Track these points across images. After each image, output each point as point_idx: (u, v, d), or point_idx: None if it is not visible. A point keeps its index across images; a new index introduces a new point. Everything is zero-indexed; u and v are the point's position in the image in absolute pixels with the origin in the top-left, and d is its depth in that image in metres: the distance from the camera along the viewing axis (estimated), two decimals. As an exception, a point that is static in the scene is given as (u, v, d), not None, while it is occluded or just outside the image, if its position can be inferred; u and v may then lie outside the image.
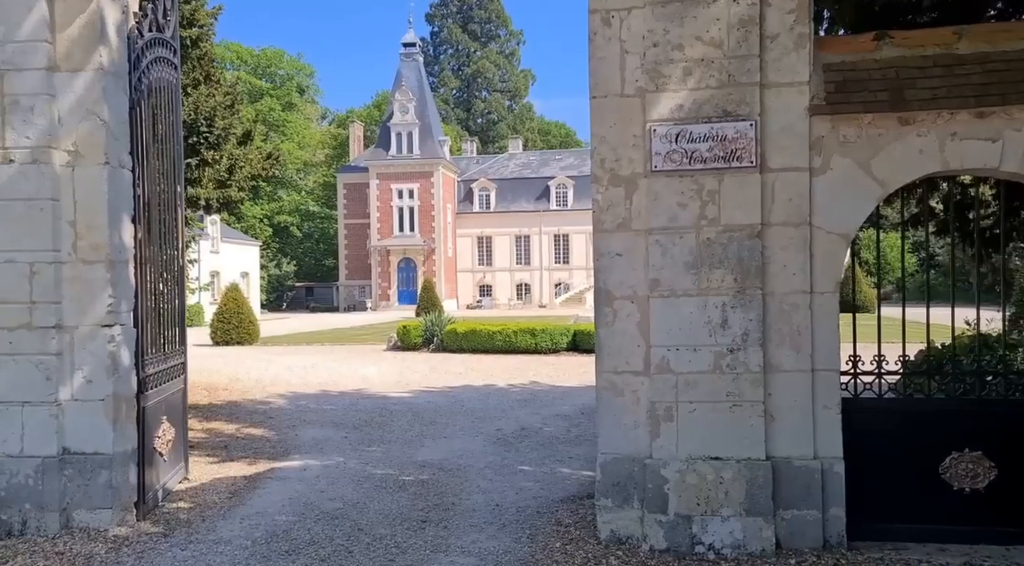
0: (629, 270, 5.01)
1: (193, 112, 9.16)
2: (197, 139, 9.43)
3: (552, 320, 28.31)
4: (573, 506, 6.07)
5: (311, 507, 6.17)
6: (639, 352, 5.01)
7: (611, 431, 5.07)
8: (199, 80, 9.66)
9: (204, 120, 9.43)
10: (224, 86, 10.47)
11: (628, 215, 5.01)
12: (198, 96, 9.45)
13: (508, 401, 11.79)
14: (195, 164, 9.51)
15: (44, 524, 5.40)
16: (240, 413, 10.88)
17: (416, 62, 59.97)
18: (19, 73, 5.40)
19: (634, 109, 4.97)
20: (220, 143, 9.78)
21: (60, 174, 5.48)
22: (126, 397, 5.70)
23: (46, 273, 5.43)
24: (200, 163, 9.68)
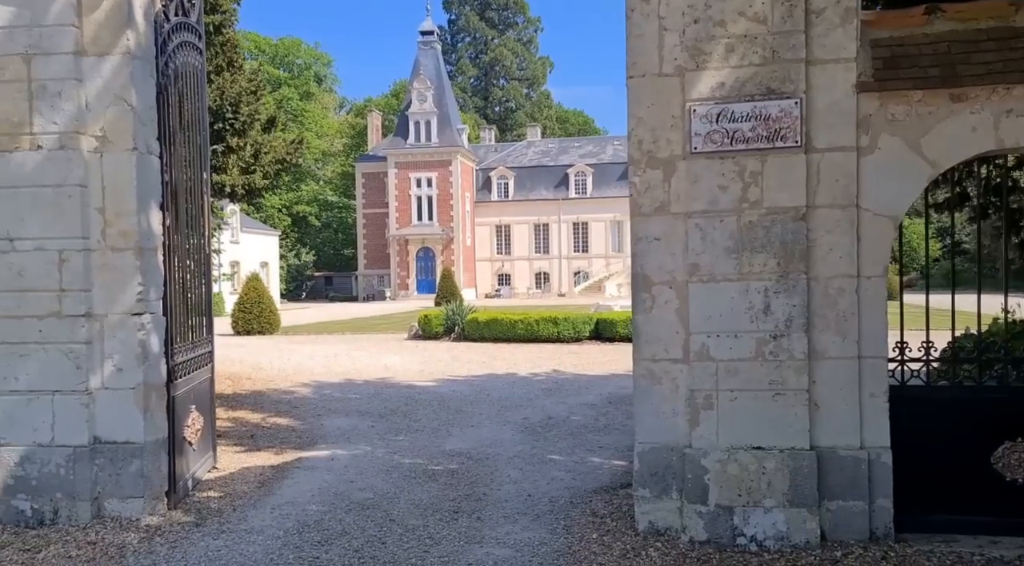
0: (667, 255, 4.87)
1: (218, 98, 9.11)
2: (222, 125, 9.36)
3: (572, 309, 28.19)
4: (607, 496, 5.96)
5: (341, 497, 6.11)
6: (678, 339, 4.87)
7: (649, 420, 4.94)
8: (222, 66, 9.58)
9: (229, 106, 9.36)
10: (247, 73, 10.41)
11: (666, 198, 4.86)
12: (222, 82, 9.38)
13: (533, 390, 11.69)
14: (220, 151, 9.45)
15: (76, 513, 5.38)
16: (265, 402, 10.87)
17: (434, 50, 59.76)
18: (46, 58, 5.33)
19: (673, 89, 4.81)
20: (245, 129, 9.72)
21: (88, 160, 5.42)
22: (156, 386, 5.65)
23: (75, 261, 5.38)
24: (225, 149, 9.63)
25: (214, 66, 9.26)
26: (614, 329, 19.39)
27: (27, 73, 5.35)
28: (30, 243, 5.38)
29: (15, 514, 5.39)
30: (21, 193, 5.38)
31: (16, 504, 5.40)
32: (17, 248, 5.38)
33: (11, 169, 5.38)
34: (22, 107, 5.37)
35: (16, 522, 5.39)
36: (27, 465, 5.40)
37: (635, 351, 5.00)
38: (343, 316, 34.70)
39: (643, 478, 4.94)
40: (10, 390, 5.42)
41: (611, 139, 64.85)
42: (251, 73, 10.63)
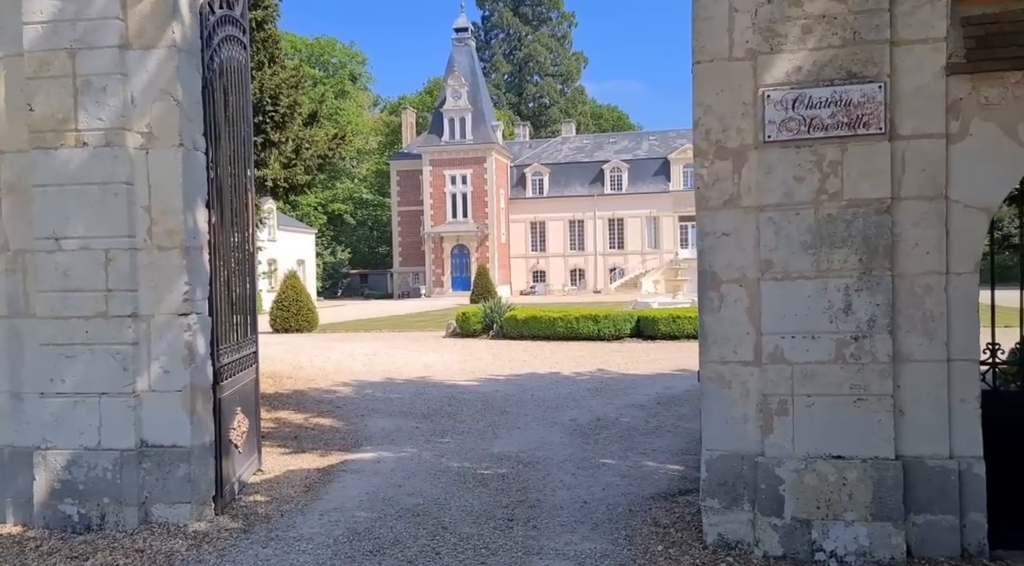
0: (737, 251, 4.57)
1: (258, 91, 8.97)
2: (262, 118, 9.23)
3: (608, 306, 27.80)
4: (667, 504, 5.68)
5: (390, 503, 5.92)
6: (748, 340, 4.57)
7: (717, 426, 4.65)
8: (263, 62, 9.47)
9: (269, 98, 9.23)
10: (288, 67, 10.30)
11: (736, 191, 4.56)
12: (263, 76, 9.25)
13: (578, 390, 11.43)
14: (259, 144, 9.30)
15: (123, 519, 5.26)
16: (307, 402, 10.78)
17: (468, 47, 59.65)
18: (91, 52, 5.21)
19: (744, 74, 4.51)
20: (286, 122, 9.58)
21: (134, 157, 5.30)
22: (203, 388, 5.52)
23: (121, 260, 5.26)
24: (265, 143, 9.50)
25: (255, 62, 9.13)
26: (656, 327, 19.02)
27: (72, 68, 5.24)
28: (76, 242, 5.28)
29: (62, 519, 5.30)
30: (67, 191, 5.27)
31: (63, 509, 5.30)
32: (63, 247, 5.28)
33: (56, 167, 5.28)
34: (67, 103, 5.26)
35: (63, 527, 5.29)
36: (74, 469, 5.30)
37: (701, 352, 4.72)
38: (380, 314, 34.75)
39: (711, 488, 4.65)
40: (56, 392, 5.32)
41: (646, 134, 64.16)
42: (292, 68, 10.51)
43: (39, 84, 5.27)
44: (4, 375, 5.49)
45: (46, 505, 5.31)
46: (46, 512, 5.31)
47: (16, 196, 5.43)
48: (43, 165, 5.28)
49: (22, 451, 5.45)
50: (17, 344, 5.46)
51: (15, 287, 5.47)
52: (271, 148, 9.60)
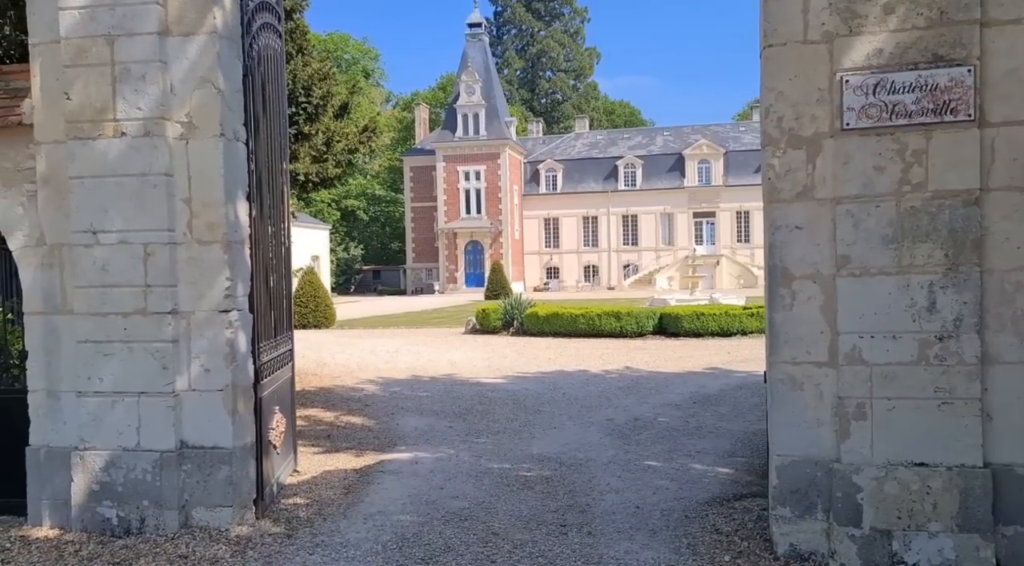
0: (811, 245, 4.33)
1: (291, 81, 8.76)
2: (295, 109, 9.03)
3: (624, 302, 27.56)
4: (724, 510, 5.45)
5: (434, 506, 5.72)
6: (822, 340, 4.33)
7: (788, 430, 4.42)
8: (292, 53, 9.25)
9: (302, 89, 9.03)
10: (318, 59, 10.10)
11: (810, 182, 4.32)
12: (295, 65, 9.05)
13: (609, 388, 11.19)
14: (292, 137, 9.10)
15: (163, 522, 5.08)
16: (335, 400, 10.60)
17: (482, 42, 59.35)
18: (129, 38, 5.03)
19: (819, 57, 4.26)
20: (318, 114, 9.38)
21: (173, 147, 5.11)
22: (244, 387, 5.33)
23: (161, 255, 5.08)
24: (297, 136, 9.30)
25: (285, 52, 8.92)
26: (679, 324, 18.75)
27: (110, 55, 5.06)
28: (114, 236, 5.09)
29: (100, 522, 5.13)
30: (105, 183, 5.09)
31: (101, 511, 5.13)
32: (101, 241, 5.10)
33: (94, 157, 5.10)
34: (105, 92, 5.07)
35: (101, 530, 5.12)
36: (112, 470, 5.13)
37: (771, 353, 4.48)
38: (395, 310, 34.59)
39: (783, 495, 4.42)
40: (94, 391, 5.15)
41: (660, 130, 63.71)
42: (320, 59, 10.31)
43: (76, 72, 5.09)
44: (40, 373, 5.32)
45: (84, 507, 5.15)
46: (84, 515, 5.15)
47: (52, 188, 5.25)
48: (80, 156, 5.10)
49: (59, 451, 5.28)
50: (54, 341, 5.29)
51: (52, 282, 5.30)
52: (303, 141, 9.40)
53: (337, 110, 10.22)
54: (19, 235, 5.35)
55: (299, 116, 9.19)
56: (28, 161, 5.32)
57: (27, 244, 5.34)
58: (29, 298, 5.34)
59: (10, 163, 5.35)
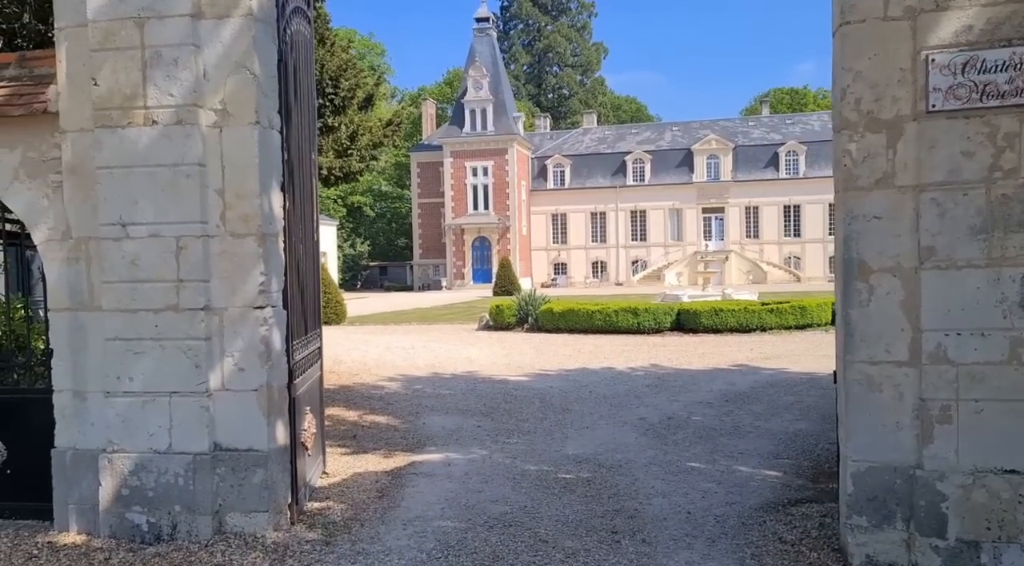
0: (890, 236, 4.06)
1: (318, 71, 8.51)
2: (322, 101, 8.77)
3: (635, 298, 27.30)
4: (782, 516, 5.19)
5: (475, 511, 5.47)
6: (903, 338, 4.06)
7: (865, 433, 4.15)
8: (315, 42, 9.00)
9: (329, 80, 8.76)
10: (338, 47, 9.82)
11: (890, 168, 4.05)
12: (322, 55, 8.78)
13: (637, 386, 10.93)
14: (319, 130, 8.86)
15: (196, 528, 4.84)
16: (356, 398, 10.36)
17: (489, 37, 59.03)
18: (161, 21, 4.77)
19: (901, 35, 3.99)
20: (345, 107, 9.12)
21: (207, 136, 4.85)
22: (279, 387, 5.08)
23: (194, 248, 4.83)
24: (322, 129, 9.04)
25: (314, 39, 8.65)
26: (698, 320, 18.48)
27: (140, 39, 4.80)
28: (144, 229, 4.85)
29: (130, 528, 4.89)
30: (134, 173, 4.84)
31: (131, 517, 4.90)
32: (131, 235, 4.85)
33: (124, 147, 4.84)
34: (135, 78, 4.82)
35: (131, 537, 4.88)
36: (143, 474, 4.89)
37: (846, 351, 4.21)
38: (404, 306, 34.36)
39: (859, 503, 4.15)
40: (124, 391, 4.91)
41: (669, 125, 63.31)
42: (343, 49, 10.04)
43: (104, 57, 4.84)
44: (66, 372, 5.08)
45: (112, 513, 4.91)
46: (112, 520, 4.91)
47: (78, 179, 5.00)
48: (109, 145, 4.85)
49: (86, 454, 5.04)
50: (80, 339, 5.05)
51: (78, 277, 5.05)
52: (327, 134, 9.13)
53: (362, 102, 9.95)
54: (43, 228, 5.11)
55: (326, 108, 8.93)
56: (53, 151, 5.08)
57: (52, 238, 5.10)
58: (54, 294, 5.10)
59: (34, 153, 5.10)
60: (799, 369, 12.22)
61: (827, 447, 7.19)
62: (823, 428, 8.00)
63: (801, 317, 18.55)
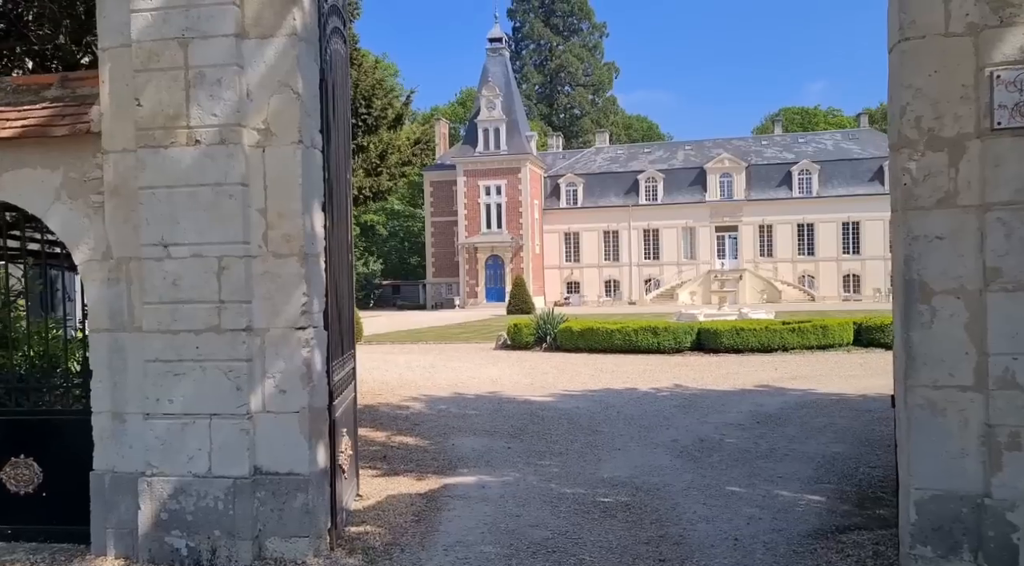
0: (953, 257, 3.96)
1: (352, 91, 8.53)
2: (355, 121, 8.80)
3: (649, 317, 27.13)
4: (833, 544, 5.03)
5: (515, 536, 5.35)
6: (967, 361, 3.95)
7: (929, 461, 4.02)
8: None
9: (362, 99, 8.78)
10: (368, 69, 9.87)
11: (953, 187, 3.96)
12: (356, 75, 8.82)
13: (664, 407, 10.79)
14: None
15: (236, 554, 4.75)
16: (382, 419, 10.27)
17: (502, 57, 59.45)
18: (205, 41, 4.76)
19: (963, 51, 3.91)
20: (378, 126, 9.14)
21: (249, 155, 4.82)
22: (319, 409, 5.01)
23: (236, 268, 4.78)
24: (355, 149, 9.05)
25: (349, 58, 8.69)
26: (718, 340, 18.30)
27: (184, 59, 4.79)
28: (186, 249, 4.80)
29: (169, 552, 4.80)
30: (177, 193, 4.81)
31: (170, 542, 4.81)
32: (172, 255, 4.81)
33: (166, 167, 4.82)
34: (178, 98, 4.80)
35: (170, 561, 4.79)
36: (182, 498, 4.80)
37: (907, 376, 4.10)
38: (418, 325, 34.30)
39: (923, 533, 4.02)
40: (164, 413, 4.84)
41: (682, 144, 63.40)
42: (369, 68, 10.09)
43: (148, 77, 4.82)
44: (105, 394, 5.02)
45: (151, 537, 4.82)
46: (151, 545, 4.82)
47: (120, 199, 4.97)
48: (151, 165, 4.83)
49: (124, 477, 4.97)
50: (120, 360, 4.99)
51: (118, 298, 5.01)
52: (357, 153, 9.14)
53: (391, 121, 9.97)
54: (84, 248, 5.08)
55: (358, 128, 8.94)
56: (95, 171, 5.06)
57: (92, 258, 5.06)
58: (94, 315, 5.06)
59: (76, 173, 5.08)
60: (827, 390, 12.04)
61: (868, 471, 7.04)
62: (860, 451, 7.84)
63: (823, 337, 18.35)
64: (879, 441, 8.23)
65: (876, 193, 53.93)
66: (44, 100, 5.20)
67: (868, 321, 18.93)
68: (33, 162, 5.09)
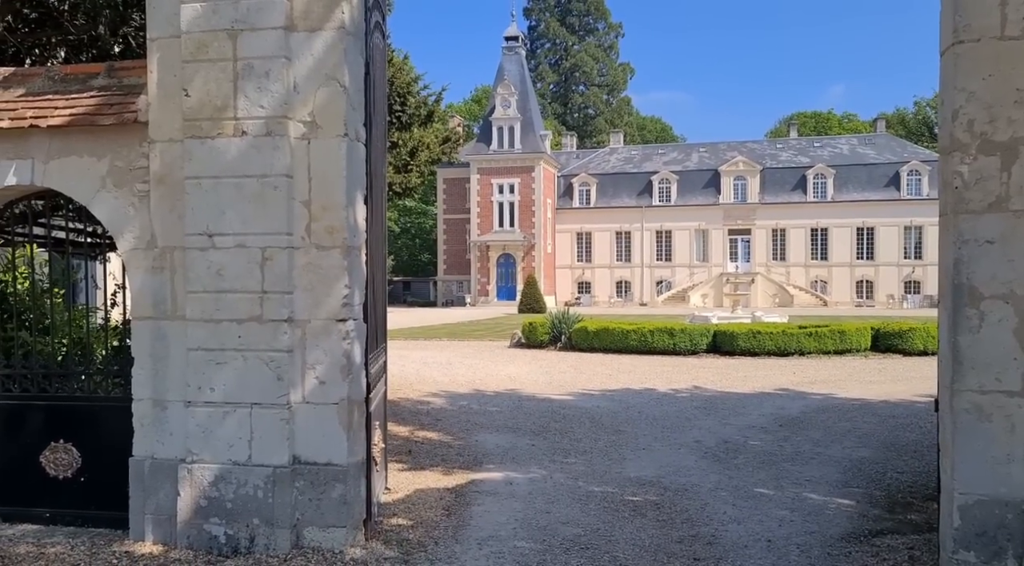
0: (1004, 262, 3.95)
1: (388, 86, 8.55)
2: (390, 117, 8.82)
3: (662, 318, 27.06)
4: (868, 548, 5.03)
5: (547, 532, 5.37)
6: (1015, 367, 3.93)
7: (974, 465, 4.01)
8: (375, 59, 9.04)
9: (397, 97, 8.81)
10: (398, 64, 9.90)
11: (1004, 191, 3.94)
12: (392, 72, 8.85)
13: (685, 408, 10.78)
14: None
15: (274, 542, 4.79)
16: (404, 414, 10.30)
17: (518, 55, 59.44)
18: (253, 33, 4.79)
19: (1018, 55, 3.89)
20: (412, 123, 9.17)
21: (295, 147, 4.85)
22: (357, 401, 5.04)
23: (279, 259, 4.81)
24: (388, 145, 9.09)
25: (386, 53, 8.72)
26: (735, 342, 18.27)
27: (232, 51, 4.82)
28: (231, 239, 4.84)
29: (207, 539, 4.85)
30: (222, 184, 4.85)
31: (209, 529, 4.85)
32: (217, 245, 4.85)
33: (212, 157, 4.86)
34: (226, 89, 4.84)
35: (208, 548, 4.84)
36: (222, 485, 4.85)
37: (953, 380, 4.08)
38: (430, 322, 34.41)
39: (967, 538, 4.01)
40: (204, 401, 4.89)
41: (696, 146, 63.22)
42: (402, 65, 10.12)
43: (196, 68, 4.86)
44: (147, 381, 5.07)
45: (190, 524, 4.87)
46: (190, 531, 4.87)
47: (166, 188, 5.02)
48: (198, 155, 4.87)
49: (164, 464, 5.02)
50: (162, 348, 5.04)
51: (162, 286, 5.05)
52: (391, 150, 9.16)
53: (423, 119, 9.99)
54: (129, 236, 5.13)
55: (392, 124, 8.96)
56: (140, 160, 5.10)
57: (137, 247, 5.11)
58: (137, 303, 5.11)
59: (122, 162, 5.13)
60: (848, 395, 12.00)
61: (896, 476, 7.02)
62: (887, 456, 7.83)
63: (840, 342, 18.28)
64: (905, 447, 8.21)
65: (891, 199, 53.68)
66: (91, 89, 5.25)
67: (886, 327, 18.85)
68: (80, 150, 5.14)
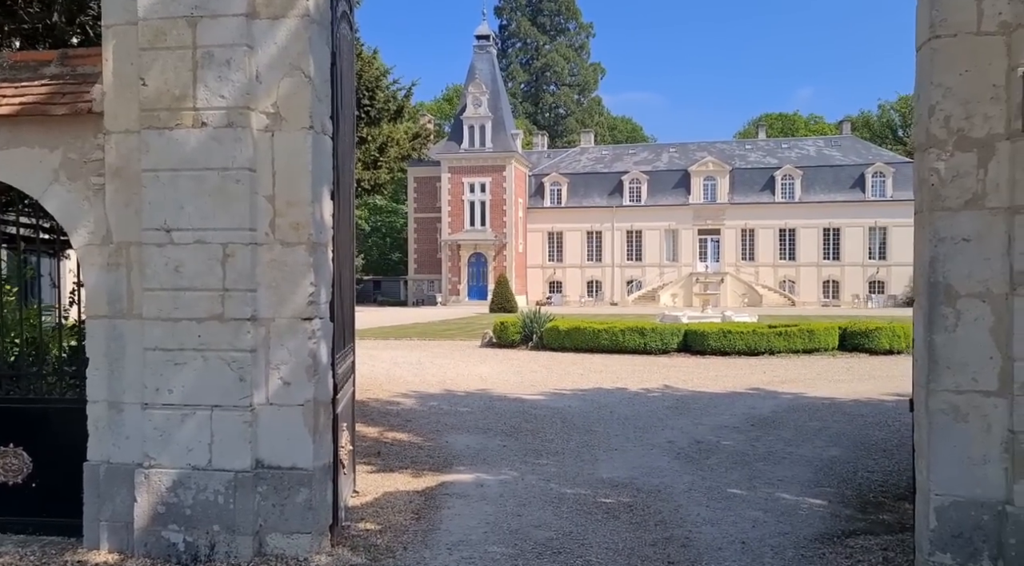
0: (980, 260, 3.92)
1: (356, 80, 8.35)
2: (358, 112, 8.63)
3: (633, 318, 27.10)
4: (841, 549, 5.00)
5: (519, 536, 5.26)
6: (991, 366, 3.91)
7: (949, 466, 3.98)
8: (344, 52, 8.85)
9: (365, 91, 8.62)
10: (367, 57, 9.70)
11: (981, 188, 3.91)
12: (360, 66, 8.65)
13: (656, 408, 10.74)
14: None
15: (235, 549, 4.60)
16: (373, 414, 10.11)
17: (490, 54, 59.21)
18: (214, 20, 4.60)
19: (994, 51, 3.87)
20: (380, 118, 8.97)
21: (257, 140, 4.67)
22: (324, 403, 4.87)
23: (241, 256, 4.62)
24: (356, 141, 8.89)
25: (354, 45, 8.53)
26: (705, 342, 18.33)
27: (192, 38, 4.62)
28: (190, 235, 4.64)
29: (165, 547, 4.64)
30: (181, 177, 4.65)
31: (167, 536, 4.65)
32: (175, 240, 4.65)
33: (170, 149, 4.65)
34: (184, 78, 4.64)
35: (166, 556, 4.64)
36: (180, 491, 4.65)
37: (929, 379, 4.05)
38: (401, 321, 34.08)
39: (942, 540, 3.97)
40: (163, 403, 4.68)
41: (666, 147, 63.57)
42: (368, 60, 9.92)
43: (154, 56, 4.66)
44: (102, 382, 4.85)
45: (148, 531, 4.66)
46: (148, 538, 4.66)
47: (121, 181, 4.80)
48: (155, 147, 4.66)
49: (120, 468, 4.80)
50: (118, 348, 4.82)
51: (117, 284, 4.83)
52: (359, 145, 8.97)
53: (393, 114, 9.79)
54: (83, 232, 4.90)
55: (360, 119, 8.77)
56: (95, 152, 4.88)
57: (91, 242, 4.89)
58: (92, 301, 4.88)
59: (76, 154, 4.90)
60: (817, 394, 12.06)
61: (867, 476, 7.03)
62: (857, 455, 7.84)
63: (809, 341, 18.43)
64: (875, 446, 8.24)
65: (856, 200, 54.50)
66: (43, 77, 5.01)
67: (853, 326, 19.05)
68: (30, 141, 4.91)
